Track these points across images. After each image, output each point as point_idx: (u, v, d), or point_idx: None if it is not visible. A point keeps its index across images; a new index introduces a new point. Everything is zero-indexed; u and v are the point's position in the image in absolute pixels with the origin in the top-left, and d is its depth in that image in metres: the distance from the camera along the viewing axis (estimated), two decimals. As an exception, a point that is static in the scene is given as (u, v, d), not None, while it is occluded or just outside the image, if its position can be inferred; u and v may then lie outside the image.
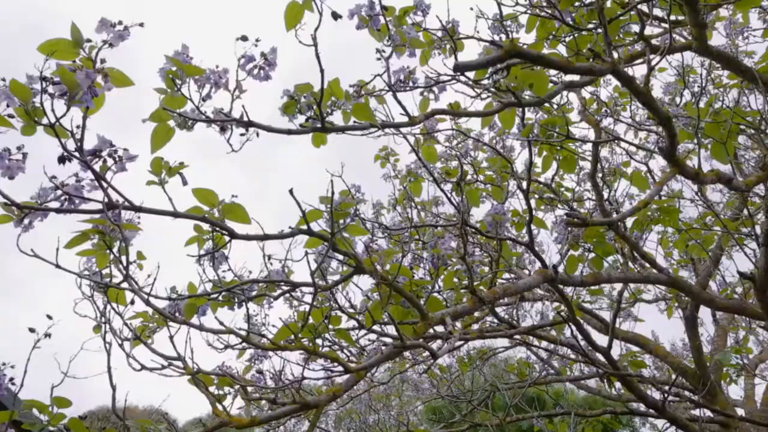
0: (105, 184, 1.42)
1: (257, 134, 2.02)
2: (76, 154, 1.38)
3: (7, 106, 1.46)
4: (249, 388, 1.95)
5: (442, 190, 2.59)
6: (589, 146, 4.00)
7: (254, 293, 2.33)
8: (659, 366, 6.52)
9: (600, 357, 3.83)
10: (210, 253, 2.03)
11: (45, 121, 1.30)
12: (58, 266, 1.49)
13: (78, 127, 1.45)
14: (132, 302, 2.25)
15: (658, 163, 10.32)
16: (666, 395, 3.39)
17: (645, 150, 2.52)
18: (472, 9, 3.23)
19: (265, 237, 1.70)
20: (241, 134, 1.97)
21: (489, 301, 2.20)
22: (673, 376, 4.88)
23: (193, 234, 2.16)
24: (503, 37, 3.12)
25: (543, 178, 4.46)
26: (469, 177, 3.43)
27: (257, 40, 1.89)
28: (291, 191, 1.58)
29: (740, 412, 5.46)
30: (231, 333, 1.70)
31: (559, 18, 1.85)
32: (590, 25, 2.09)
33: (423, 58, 3.00)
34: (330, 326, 2.28)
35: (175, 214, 1.60)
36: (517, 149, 5.12)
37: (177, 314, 2.46)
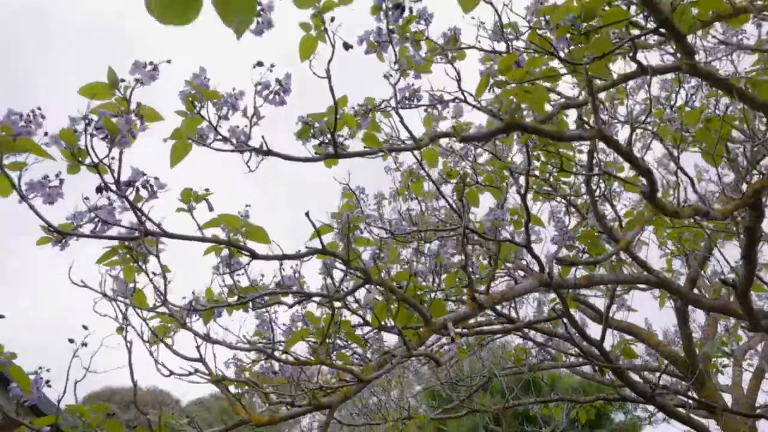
0: (139, 212, 1.56)
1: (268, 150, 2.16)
2: (113, 186, 1.52)
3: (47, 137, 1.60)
4: (268, 387, 2.10)
5: (444, 197, 2.73)
6: (585, 142, 4.13)
7: (268, 297, 2.48)
8: (651, 353, 6.72)
9: (594, 349, 4.01)
10: (230, 270, 2.17)
11: (88, 161, 1.44)
12: (104, 295, 1.63)
13: (113, 158, 1.59)
14: (154, 307, 2.40)
15: (655, 154, 10.44)
16: (654, 387, 3.57)
17: (634, 184, 2.61)
18: (473, 18, 3.34)
19: (284, 257, 1.85)
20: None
21: (487, 306, 2.35)
22: (665, 364, 5.07)
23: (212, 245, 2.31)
24: (503, 45, 3.24)
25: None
26: (468, 179, 3.56)
27: (272, 66, 2.01)
28: (307, 214, 1.73)
29: (728, 397, 5.68)
30: (256, 350, 1.85)
31: (553, 53, 1.96)
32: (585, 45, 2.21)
33: (426, 64, 3.13)
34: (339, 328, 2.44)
35: (203, 239, 1.74)
36: (515, 141, 5.25)
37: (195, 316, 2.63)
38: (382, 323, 2.45)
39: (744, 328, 4.77)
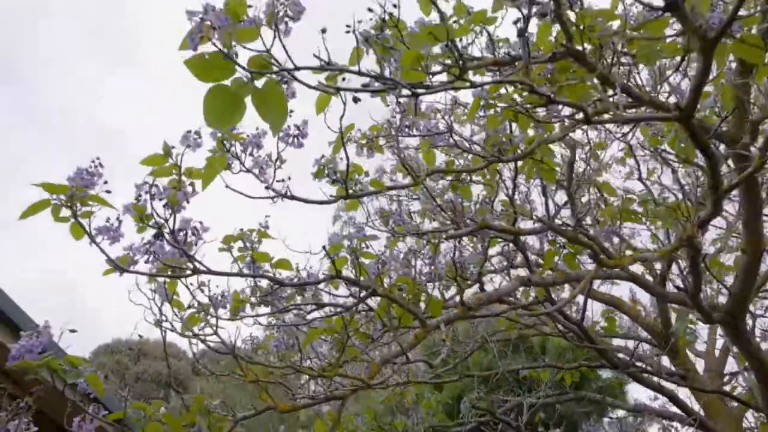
0: (190, 257, 1.93)
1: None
2: (169, 235, 1.88)
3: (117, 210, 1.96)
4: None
5: (438, 205, 3.08)
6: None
7: (286, 295, 2.87)
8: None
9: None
10: (253, 273, 2.55)
11: (152, 222, 1.80)
12: (173, 330, 2.02)
13: (166, 207, 1.95)
14: (189, 306, 2.80)
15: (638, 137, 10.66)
16: (626, 364, 4.03)
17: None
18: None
19: (305, 283, 2.22)
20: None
21: (475, 308, 2.75)
22: (641, 344, 5.54)
23: (238, 254, 2.69)
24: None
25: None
26: (463, 176, 3.90)
27: (291, 111, 2.34)
28: (324, 247, 2.09)
29: (701, 362, 6.19)
30: (290, 367, 2.25)
31: (536, 118, 2.29)
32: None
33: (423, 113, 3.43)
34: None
35: (241, 275, 2.11)
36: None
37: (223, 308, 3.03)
38: (384, 320, 2.85)
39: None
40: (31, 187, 1.96)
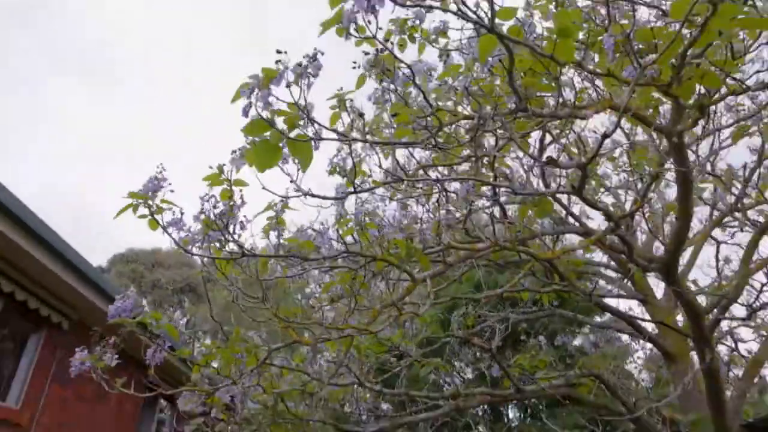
0: (240, 245, 2.61)
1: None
2: (223, 229, 2.55)
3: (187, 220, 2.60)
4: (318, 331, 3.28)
5: (431, 180, 3.71)
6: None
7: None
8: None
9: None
10: (278, 235, 3.24)
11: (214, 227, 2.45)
12: (242, 310, 2.72)
13: (220, 214, 2.60)
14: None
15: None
16: (589, 294, 4.82)
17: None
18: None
19: (325, 258, 2.91)
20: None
21: (455, 264, 3.47)
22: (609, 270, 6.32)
23: (266, 224, 3.37)
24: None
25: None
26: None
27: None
28: (337, 230, 2.76)
29: (661, 287, 7.04)
30: (318, 323, 2.99)
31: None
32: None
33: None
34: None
35: (278, 256, 2.79)
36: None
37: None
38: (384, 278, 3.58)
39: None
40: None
